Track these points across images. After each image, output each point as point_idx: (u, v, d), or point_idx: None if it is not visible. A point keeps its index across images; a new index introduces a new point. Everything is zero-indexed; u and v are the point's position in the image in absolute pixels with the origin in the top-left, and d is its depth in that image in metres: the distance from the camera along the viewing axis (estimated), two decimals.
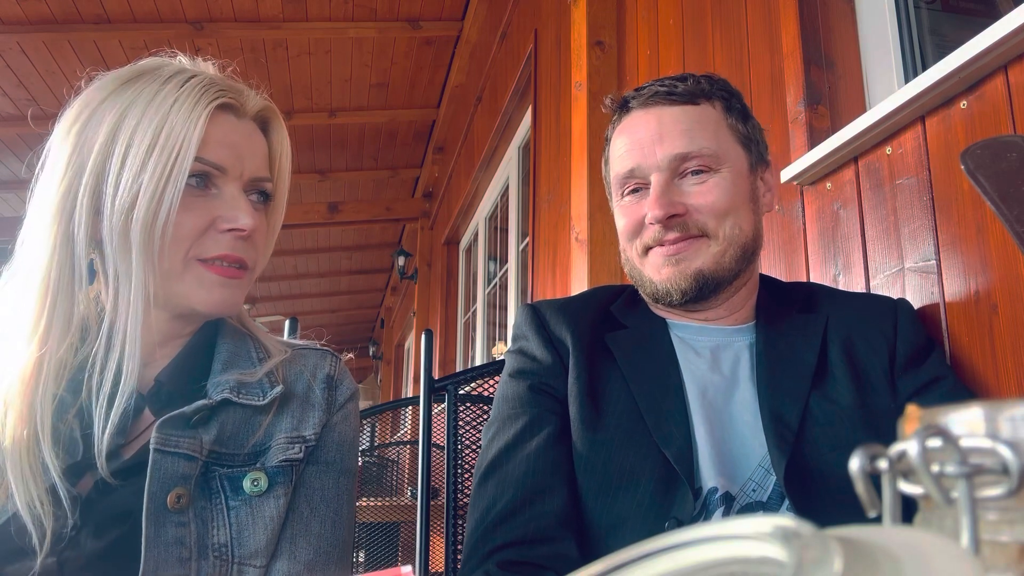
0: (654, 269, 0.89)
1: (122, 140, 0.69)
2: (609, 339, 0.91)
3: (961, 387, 0.88)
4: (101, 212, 0.69)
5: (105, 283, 0.72)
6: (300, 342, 0.87)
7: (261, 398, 0.75)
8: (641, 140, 0.89)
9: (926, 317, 1.02)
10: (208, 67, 0.78)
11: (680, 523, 0.76)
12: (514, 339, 0.98)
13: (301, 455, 0.75)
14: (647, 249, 0.89)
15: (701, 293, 0.87)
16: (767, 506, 0.78)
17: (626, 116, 0.93)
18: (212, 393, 0.73)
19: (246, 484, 0.71)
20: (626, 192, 0.91)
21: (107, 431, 0.66)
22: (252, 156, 0.76)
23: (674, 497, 0.78)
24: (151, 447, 0.67)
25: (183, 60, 0.78)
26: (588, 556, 0.80)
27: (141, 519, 0.65)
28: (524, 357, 0.94)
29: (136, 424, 0.72)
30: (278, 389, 0.76)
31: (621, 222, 0.92)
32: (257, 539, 0.69)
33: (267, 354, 0.80)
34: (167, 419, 0.68)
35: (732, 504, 0.79)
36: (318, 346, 0.86)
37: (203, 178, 0.72)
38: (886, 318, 0.90)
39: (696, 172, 0.87)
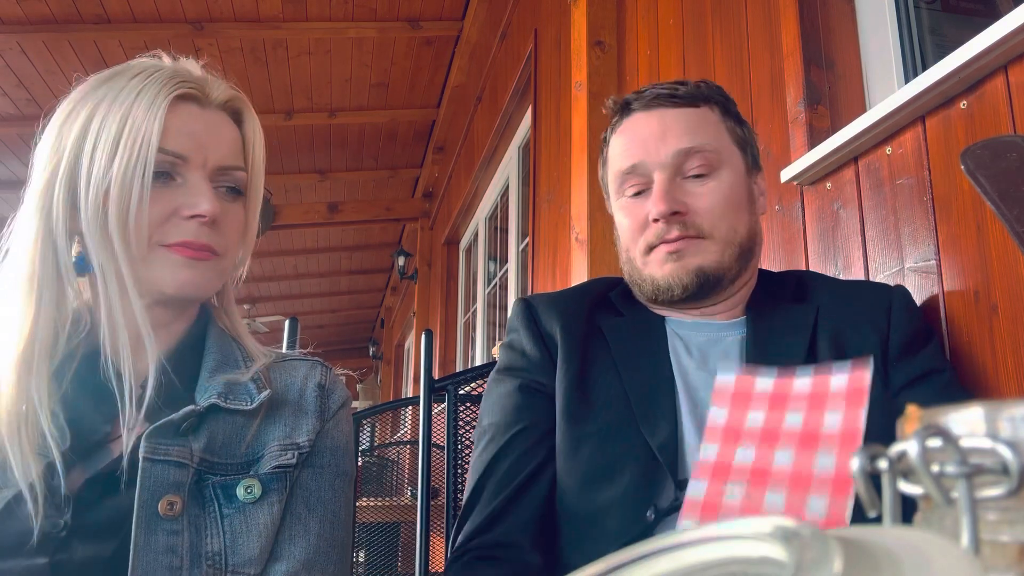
0: (656, 266, 0.90)
1: (92, 135, 0.71)
2: (604, 324, 0.92)
3: (957, 384, 0.87)
4: (77, 205, 0.71)
5: (92, 274, 0.74)
6: (290, 352, 0.87)
7: (249, 403, 0.75)
8: (644, 138, 0.90)
9: (926, 317, 1.02)
10: (190, 64, 0.79)
11: (659, 511, 0.77)
12: (507, 333, 0.99)
13: (294, 461, 0.75)
14: (650, 248, 0.90)
15: (702, 290, 0.88)
16: None
17: (627, 117, 0.94)
18: (200, 399, 0.73)
19: (240, 492, 0.71)
20: (627, 192, 0.92)
21: (140, 410, 0.69)
22: (217, 145, 0.76)
23: (656, 487, 0.79)
24: (141, 456, 0.67)
25: (166, 59, 0.79)
26: (570, 545, 0.83)
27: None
28: (514, 352, 0.95)
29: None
30: (266, 394, 0.76)
31: (624, 222, 0.93)
32: (251, 547, 0.69)
33: (251, 359, 0.80)
34: (156, 428, 0.68)
35: None
36: (308, 356, 0.86)
37: (169, 167, 0.73)
38: (879, 307, 0.89)
39: (697, 176, 0.89)
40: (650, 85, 0.95)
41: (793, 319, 0.89)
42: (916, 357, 0.87)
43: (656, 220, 0.88)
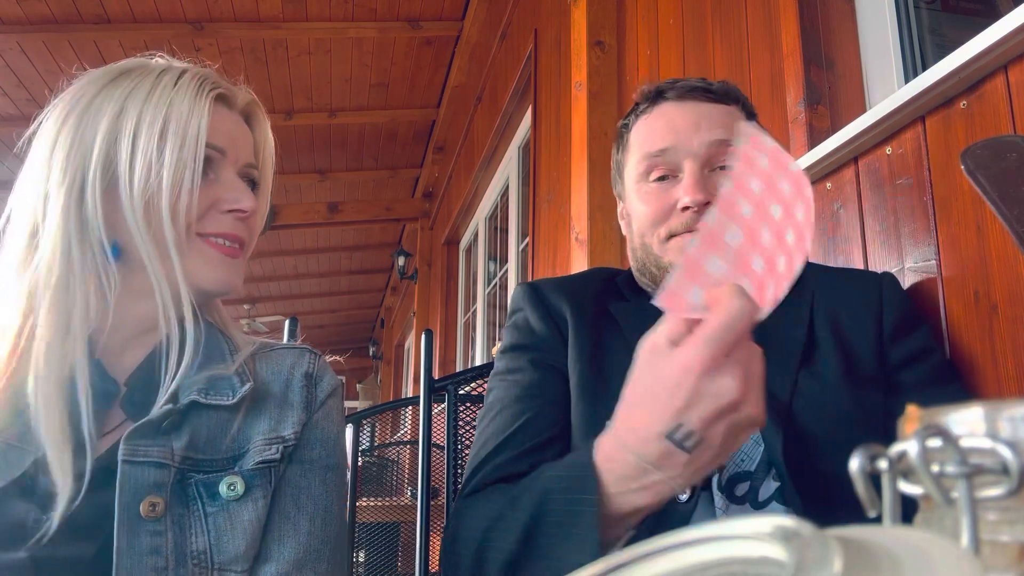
0: (676, 253, 0.90)
1: (128, 130, 0.72)
2: (614, 308, 0.93)
3: (951, 364, 0.90)
4: (118, 197, 0.71)
5: (131, 265, 0.74)
6: (278, 342, 0.86)
7: (230, 397, 0.73)
8: (677, 126, 0.91)
9: (926, 318, 1.02)
10: (186, 65, 0.81)
11: (692, 490, 0.77)
12: (510, 315, 0.98)
13: (278, 456, 0.73)
14: (671, 235, 0.90)
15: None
16: (754, 476, 0.80)
17: (660, 104, 0.95)
18: (180, 396, 0.72)
19: (222, 489, 0.70)
20: (651, 177, 0.92)
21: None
22: (244, 144, 0.80)
23: None
24: (119, 458, 0.66)
25: (160, 60, 0.80)
26: None
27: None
28: (520, 331, 0.94)
29: (111, 416, 0.72)
30: (247, 387, 0.74)
31: (643, 208, 0.93)
32: (236, 544, 0.68)
33: (238, 349, 0.79)
34: (135, 429, 0.67)
35: (722, 472, 0.80)
36: (295, 345, 0.85)
37: (206, 162, 0.75)
38: (871, 292, 0.91)
39: (724, 168, 0.90)
40: (678, 78, 0.96)
41: (791, 304, 0.90)
42: (911, 336, 0.89)
43: (686, 208, 0.88)
